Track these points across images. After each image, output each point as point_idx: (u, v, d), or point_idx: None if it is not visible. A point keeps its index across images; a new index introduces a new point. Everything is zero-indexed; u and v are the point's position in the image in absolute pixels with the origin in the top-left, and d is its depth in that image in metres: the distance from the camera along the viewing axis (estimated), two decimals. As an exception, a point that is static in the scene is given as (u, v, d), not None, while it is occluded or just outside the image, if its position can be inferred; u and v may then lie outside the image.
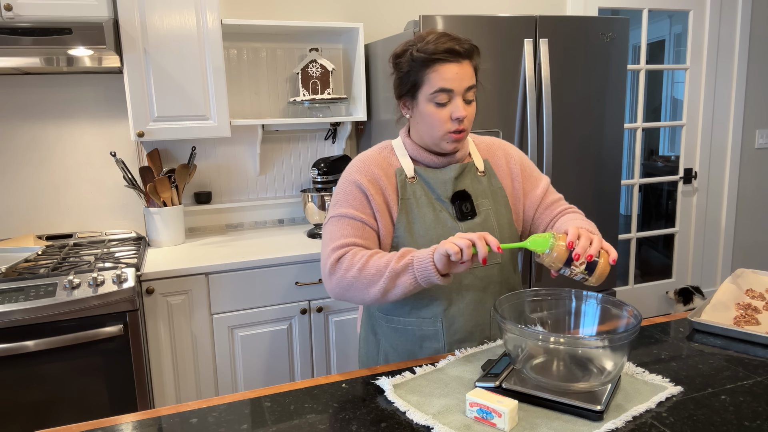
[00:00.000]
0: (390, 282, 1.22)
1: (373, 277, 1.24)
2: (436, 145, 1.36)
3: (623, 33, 2.50)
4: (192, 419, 1.08)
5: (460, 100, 1.30)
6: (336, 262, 1.30)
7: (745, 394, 1.10)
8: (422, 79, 1.30)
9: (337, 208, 1.37)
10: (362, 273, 1.25)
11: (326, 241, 1.35)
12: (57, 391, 1.96)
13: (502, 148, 1.49)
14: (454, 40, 1.29)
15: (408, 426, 1.02)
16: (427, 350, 1.39)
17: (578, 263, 1.17)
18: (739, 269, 1.67)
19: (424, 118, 1.33)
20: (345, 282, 1.28)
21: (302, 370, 2.38)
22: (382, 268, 1.23)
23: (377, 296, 1.25)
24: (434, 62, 1.28)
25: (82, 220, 2.59)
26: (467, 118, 1.32)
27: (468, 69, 1.30)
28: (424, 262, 1.19)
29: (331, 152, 2.93)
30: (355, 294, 1.28)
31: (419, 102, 1.33)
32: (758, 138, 3.74)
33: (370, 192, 1.35)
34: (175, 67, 2.29)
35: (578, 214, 1.43)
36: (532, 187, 1.47)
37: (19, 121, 2.45)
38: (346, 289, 1.29)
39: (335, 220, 1.35)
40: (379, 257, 1.26)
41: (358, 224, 1.34)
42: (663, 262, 3.96)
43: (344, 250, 1.31)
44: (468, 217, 1.37)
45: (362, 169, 1.38)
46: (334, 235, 1.33)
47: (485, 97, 2.34)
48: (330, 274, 1.31)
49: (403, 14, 2.93)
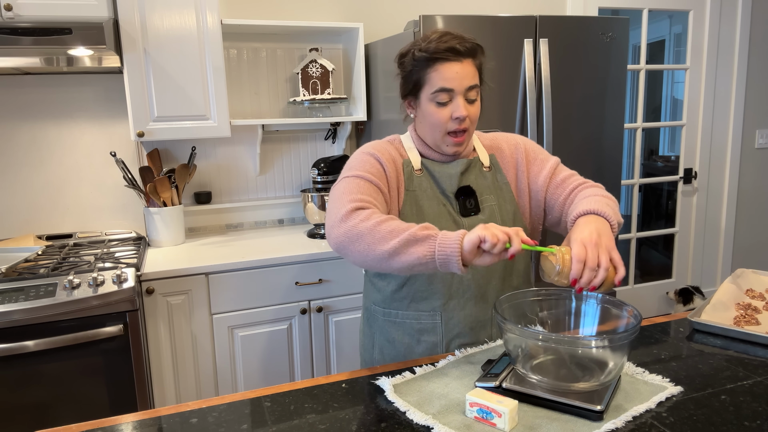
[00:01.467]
0: (403, 245, 1.12)
1: (387, 234, 1.14)
2: (437, 147, 1.36)
3: (623, 33, 2.50)
4: (192, 419, 1.08)
5: (461, 99, 1.29)
6: (352, 211, 1.20)
7: (745, 394, 1.10)
8: (424, 79, 1.30)
9: (351, 171, 1.30)
10: (377, 228, 1.16)
11: (341, 194, 1.26)
12: (57, 391, 1.96)
13: (506, 139, 1.48)
14: (457, 38, 1.28)
15: (408, 426, 1.02)
16: (424, 344, 1.39)
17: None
18: (739, 269, 1.67)
19: (426, 118, 1.33)
20: (355, 231, 1.17)
21: (302, 370, 2.38)
22: (400, 229, 1.15)
23: (383, 256, 1.15)
24: (435, 61, 1.27)
25: (82, 220, 2.59)
26: (469, 118, 1.31)
27: (470, 68, 1.29)
28: (449, 240, 1.10)
29: (331, 152, 2.93)
30: (359, 247, 1.17)
31: (422, 101, 1.33)
32: (758, 138, 3.74)
33: (387, 165, 1.33)
34: (175, 67, 2.29)
35: (595, 188, 1.34)
36: (539, 170, 1.42)
37: (19, 121, 2.45)
38: (353, 239, 1.18)
39: (351, 179, 1.28)
40: (399, 221, 1.18)
41: (374, 187, 1.28)
42: (663, 262, 3.96)
43: (364, 204, 1.23)
44: (471, 213, 1.37)
45: (377, 147, 1.37)
46: (351, 190, 1.26)
47: (485, 96, 2.34)
48: (341, 221, 1.20)
49: (403, 14, 2.93)
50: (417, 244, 1.12)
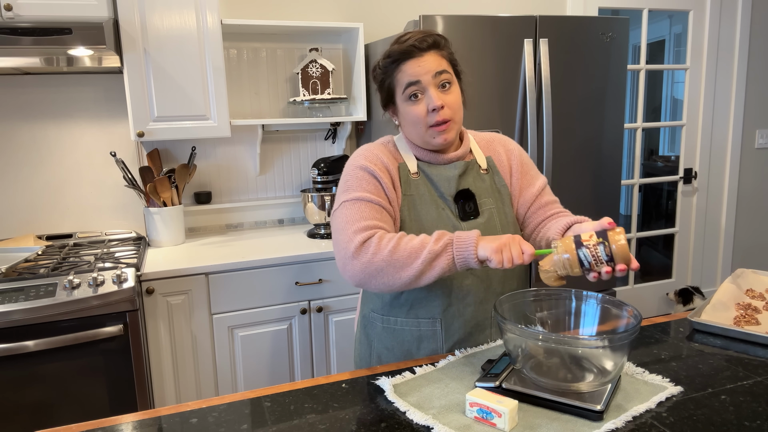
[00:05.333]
0: (426, 265, 1.16)
1: (407, 259, 1.17)
2: (426, 143, 1.34)
3: (623, 33, 2.50)
4: (192, 419, 1.08)
5: (433, 89, 1.29)
6: (361, 245, 1.20)
7: (745, 394, 1.10)
8: (393, 82, 1.33)
9: (349, 193, 1.30)
10: (394, 256, 1.18)
11: (344, 225, 1.26)
12: (57, 391, 1.96)
13: (502, 143, 1.47)
14: (416, 37, 1.31)
15: (408, 426, 1.02)
16: (424, 351, 1.38)
17: (591, 243, 1.08)
18: (739, 269, 1.67)
19: (406, 118, 1.33)
20: (373, 267, 1.19)
21: (302, 370, 2.38)
22: (417, 248, 1.17)
23: (409, 280, 1.18)
24: (399, 62, 1.31)
25: (82, 220, 2.59)
26: (448, 106, 1.29)
27: (433, 58, 1.30)
28: (465, 243, 1.15)
29: (331, 152, 2.93)
30: (383, 279, 1.19)
31: (399, 105, 1.35)
32: (758, 138, 3.74)
33: (381, 178, 1.32)
34: (175, 67, 2.29)
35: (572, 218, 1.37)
36: (527, 185, 1.44)
37: (19, 121, 2.45)
38: (373, 275, 1.20)
39: (350, 204, 1.28)
40: (409, 239, 1.19)
41: (375, 207, 1.28)
42: (663, 262, 3.96)
43: (370, 233, 1.22)
44: (471, 216, 1.36)
45: (369, 156, 1.35)
46: (352, 218, 1.25)
47: (485, 97, 2.34)
48: (353, 258, 1.21)
49: (403, 14, 2.93)
50: (438, 257, 1.17)
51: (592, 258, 1.08)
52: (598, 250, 1.08)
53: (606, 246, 1.07)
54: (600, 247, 1.08)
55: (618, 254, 1.07)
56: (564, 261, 1.11)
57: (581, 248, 1.09)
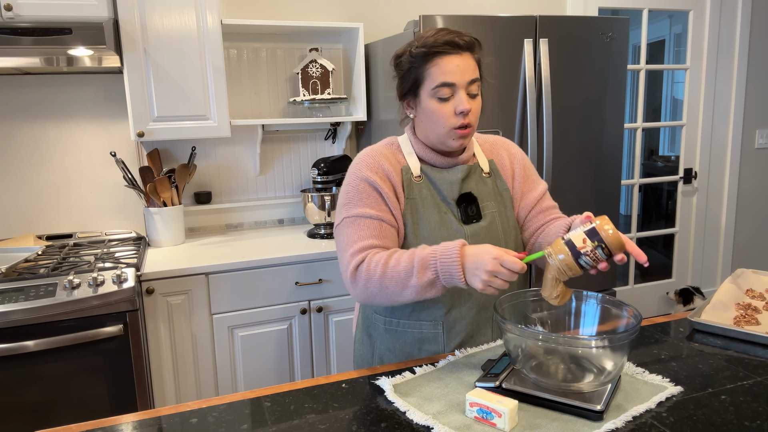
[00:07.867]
0: (419, 294, 1.21)
1: (395, 287, 1.21)
2: (442, 144, 1.33)
3: (623, 33, 2.50)
4: (192, 419, 1.08)
5: (464, 93, 1.27)
6: (355, 271, 1.26)
7: (745, 394, 1.10)
8: (423, 75, 1.28)
9: (349, 209, 1.31)
10: (384, 283, 1.22)
11: (343, 246, 1.30)
12: (57, 391, 1.96)
13: (505, 147, 1.47)
14: (454, 33, 1.27)
15: (408, 426, 1.02)
16: (426, 353, 1.39)
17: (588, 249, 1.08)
18: (739, 269, 1.67)
19: (428, 116, 1.30)
20: (369, 292, 1.25)
21: (302, 370, 2.38)
22: (403, 279, 1.20)
23: (407, 301, 1.24)
24: (434, 55, 1.26)
25: (82, 220, 2.59)
26: (472, 112, 1.29)
27: (470, 61, 1.28)
28: (452, 277, 1.17)
29: (331, 152, 2.93)
30: (382, 301, 1.26)
31: (422, 99, 1.30)
32: (758, 138, 3.74)
33: (382, 188, 1.31)
34: (175, 67, 2.29)
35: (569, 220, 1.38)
36: (528, 189, 1.44)
37: (19, 121, 2.45)
38: (371, 298, 1.26)
39: (349, 222, 1.30)
40: (395, 264, 1.21)
41: (374, 223, 1.29)
42: (663, 262, 3.96)
43: (361, 257, 1.26)
44: (473, 220, 1.35)
45: (371, 164, 1.33)
46: (350, 238, 1.29)
47: (485, 96, 2.34)
48: (352, 283, 1.27)
49: (403, 14, 2.93)
50: (427, 290, 1.20)
51: (592, 262, 1.10)
52: (597, 253, 1.09)
53: (604, 248, 1.09)
54: (598, 250, 1.09)
55: (614, 247, 1.09)
56: (560, 264, 1.11)
57: (580, 257, 1.09)
